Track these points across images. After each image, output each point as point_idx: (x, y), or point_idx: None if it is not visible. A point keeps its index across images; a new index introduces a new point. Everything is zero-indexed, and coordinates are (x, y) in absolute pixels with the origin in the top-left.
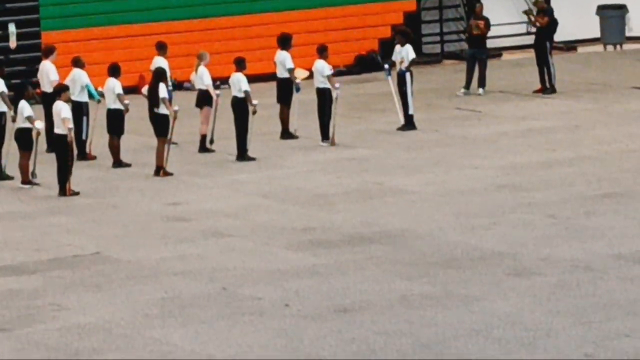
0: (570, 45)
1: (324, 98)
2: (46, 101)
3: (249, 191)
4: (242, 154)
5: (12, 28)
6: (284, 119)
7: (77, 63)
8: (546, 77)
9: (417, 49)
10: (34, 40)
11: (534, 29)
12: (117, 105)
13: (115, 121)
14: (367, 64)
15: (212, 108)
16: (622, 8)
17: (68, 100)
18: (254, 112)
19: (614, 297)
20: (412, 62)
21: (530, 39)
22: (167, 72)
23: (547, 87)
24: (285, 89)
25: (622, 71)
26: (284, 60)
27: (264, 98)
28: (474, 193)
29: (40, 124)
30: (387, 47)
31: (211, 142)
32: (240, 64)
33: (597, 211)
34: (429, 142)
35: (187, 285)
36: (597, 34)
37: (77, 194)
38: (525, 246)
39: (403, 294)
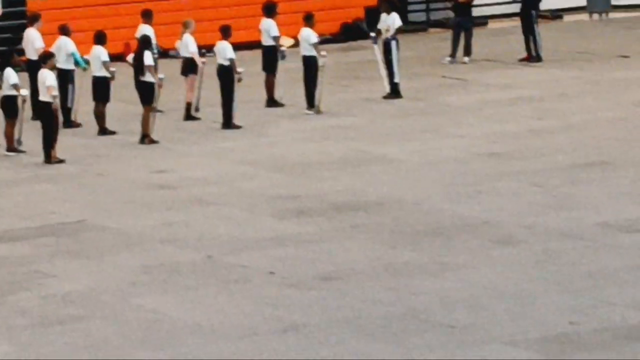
0: (556, 14)
1: (310, 66)
2: (31, 69)
3: (235, 159)
4: (228, 122)
5: None
6: (270, 87)
7: (64, 31)
8: (532, 46)
9: (403, 17)
10: (19, 8)
11: None
12: (103, 73)
13: (101, 89)
14: (353, 32)
15: (198, 76)
16: None
17: (53, 68)
18: (240, 80)
19: (600, 265)
20: (398, 30)
21: (516, 7)
22: (152, 39)
23: (533, 56)
24: (271, 57)
25: (608, 40)
26: (269, 28)
27: (250, 66)
28: (459, 161)
29: (25, 92)
30: (373, 15)
31: (197, 109)
32: (225, 32)
33: (584, 180)
34: (415, 111)
35: (173, 253)
36: (583, 2)
37: (62, 161)
38: (511, 214)
39: (389, 261)
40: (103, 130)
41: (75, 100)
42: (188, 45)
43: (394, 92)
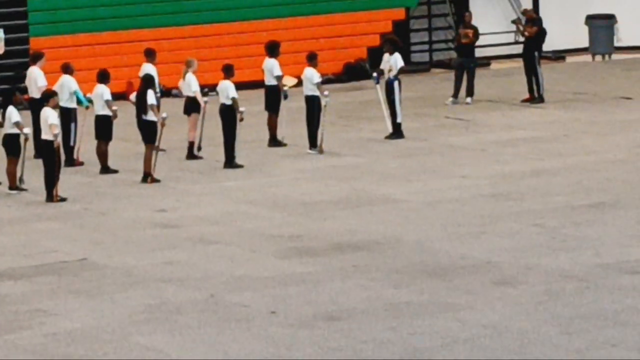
0: (559, 55)
1: (313, 106)
2: (34, 107)
3: (237, 198)
4: (230, 161)
5: (0, 34)
6: (272, 126)
7: (67, 69)
8: (534, 87)
9: (406, 58)
10: (23, 46)
11: (522, 39)
12: (105, 112)
13: (103, 127)
14: (356, 72)
15: (200, 115)
16: (611, 18)
17: (56, 107)
18: (242, 120)
19: (601, 306)
20: (401, 71)
21: (518, 48)
22: (155, 79)
23: (535, 97)
24: (273, 97)
25: (610, 81)
26: (272, 68)
27: (252, 105)
28: (461, 202)
29: (28, 130)
30: (375, 55)
31: (199, 149)
32: (228, 71)
33: (584, 221)
34: (417, 151)
35: (174, 292)
36: (585, 43)
37: (64, 200)
38: (512, 255)
39: (390, 302)
40: (105, 169)
41: (77, 139)
42: (191, 85)
43: (397, 132)
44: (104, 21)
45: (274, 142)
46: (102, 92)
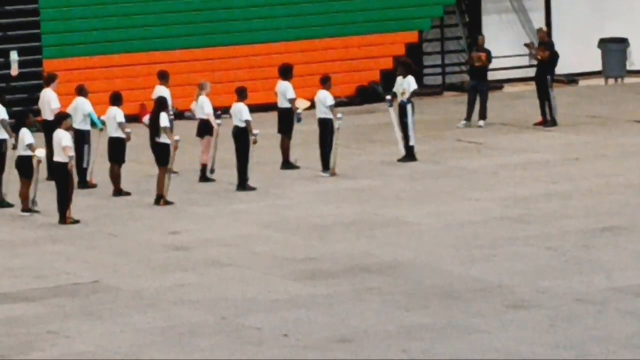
0: (572, 78)
1: (326, 128)
2: (47, 129)
3: (249, 221)
4: (243, 184)
5: (13, 55)
6: (285, 149)
7: (81, 91)
8: (547, 110)
9: (419, 81)
10: (36, 68)
11: (535, 62)
12: (119, 134)
13: (117, 149)
14: (369, 95)
15: (213, 137)
16: (624, 42)
17: (69, 129)
18: (255, 142)
19: (613, 330)
20: (414, 94)
21: (531, 72)
22: (168, 101)
23: (547, 120)
24: (286, 119)
25: (623, 105)
26: (285, 91)
27: (265, 128)
28: (473, 225)
29: (41, 152)
30: (388, 78)
31: (212, 171)
32: (241, 94)
33: (597, 244)
34: (430, 174)
35: (187, 315)
36: (598, 67)
37: (77, 222)
38: (524, 278)
39: (402, 324)
40: (118, 191)
41: (91, 161)
42: (204, 107)
43: (409, 155)
44: (118, 43)
45: (287, 164)
46: (115, 114)
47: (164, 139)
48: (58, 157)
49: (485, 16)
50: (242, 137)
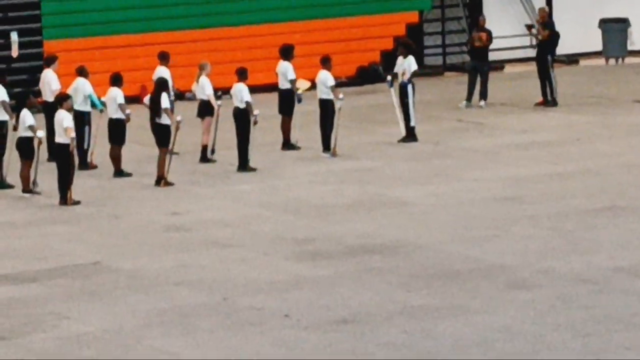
0: (572, 59)
1: (327, 109)
2: (48, 110)
3: (250, 201)
4: (244, 165)
5: (14, 37)
6: (286, 129)
7: (82, 72)
8: (548, 90)
9: (419, 61)
10: (36, 49)
11: (535, 42)
12: (119, 115)
13: (117, 131)
14: (369, 75)
15: (214, 118)
16: (624, 22)
17: (70, 109)
18: (255, 123)
19: (615, 310)
20: (414, 74)
21: (532, 52)
22: (169, 82)
23: (548, 100)
24: (287, 100)
25: (623, 84)
26: (285, 71)
27: (266, 109)
28: (474, 205)
29: (41, 133)
30: (389, 58)
31: (212, 152)
32: (242, 75)
33: (598, 224)
34: (430, 154)
35: (188, 295)
36: (599, 47)
37: (78, 203)
38: (525, 259)
39: (403, 305)
40: (119, 172)
41: (91, 142)
42: (204, 88)
43: (410, 135)
44: (118, 24)
45: (288, 145)
46: (116, 95)
47: (164, 119)
48: (59, 139)
49: None
50: (242, 118)
